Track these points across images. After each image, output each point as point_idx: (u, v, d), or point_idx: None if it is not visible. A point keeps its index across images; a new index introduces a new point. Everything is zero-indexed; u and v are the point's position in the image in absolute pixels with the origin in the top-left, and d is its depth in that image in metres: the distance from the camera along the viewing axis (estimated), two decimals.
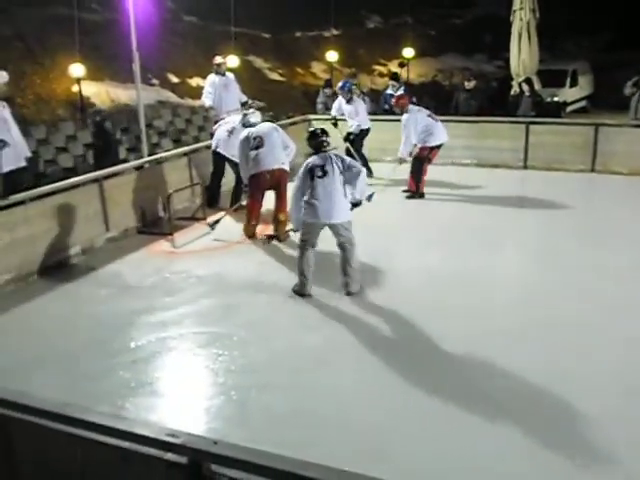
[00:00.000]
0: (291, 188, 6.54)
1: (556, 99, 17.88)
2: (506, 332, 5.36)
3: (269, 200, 8.18)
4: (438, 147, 9.80)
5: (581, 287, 6.35)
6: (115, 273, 7.23)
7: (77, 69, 12.91)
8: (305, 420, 4.29)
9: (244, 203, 8.50)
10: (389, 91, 13.21)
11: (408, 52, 21.63)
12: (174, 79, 16.41)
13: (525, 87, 13.42)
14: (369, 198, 7.40)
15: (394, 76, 14.05)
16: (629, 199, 9.62)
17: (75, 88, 13.32)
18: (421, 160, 9.78)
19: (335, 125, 11.03)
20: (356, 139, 11.02)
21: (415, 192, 9.91)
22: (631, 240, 7.69)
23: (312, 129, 6.71)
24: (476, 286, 6.45)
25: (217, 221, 8.53)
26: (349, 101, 11.05)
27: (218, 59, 11.06)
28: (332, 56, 19.59)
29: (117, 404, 4.49)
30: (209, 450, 2.10)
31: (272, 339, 5.47)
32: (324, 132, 6.41)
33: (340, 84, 11.48)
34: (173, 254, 7.84)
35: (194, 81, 16.29)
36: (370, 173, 9.77)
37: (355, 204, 6.26)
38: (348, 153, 10.10)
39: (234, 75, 11.42)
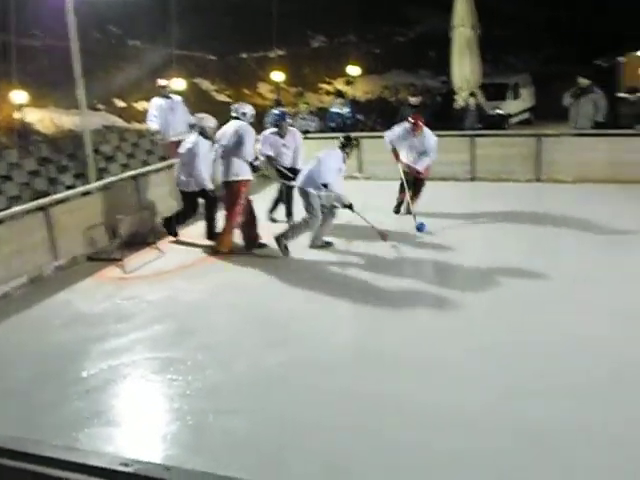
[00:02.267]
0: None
1: (500, 112, 18.26)
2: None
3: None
4: None
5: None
6: (65, 302, 7.08)
7: (18, 96, 12.65)
8: (265, 445, 4.24)
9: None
10: (334, 109, 13.30)
11: (354, 70, 21.84)
12: (120, 103, 16.23)
13: (470, 101, 13.69)
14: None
15: (340, 94, 14.18)
16: (573, 206, 9.83)
17: (17, 115, 13.05)
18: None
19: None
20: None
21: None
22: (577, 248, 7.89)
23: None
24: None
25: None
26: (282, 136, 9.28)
27: (162, 82, 11.01)
28: (278, 76, 19.65)
29: (72, 436, 4.37)
30: (162, 477, 2.05)
31: (229, 361, 5.40)
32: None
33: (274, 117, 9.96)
34: (124, 280, 7.71)
35: (140, 105, 16.13)
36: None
37: None
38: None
39: (181, 98, 11.37)
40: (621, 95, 17.20)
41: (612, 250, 7.79)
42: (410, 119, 9.57)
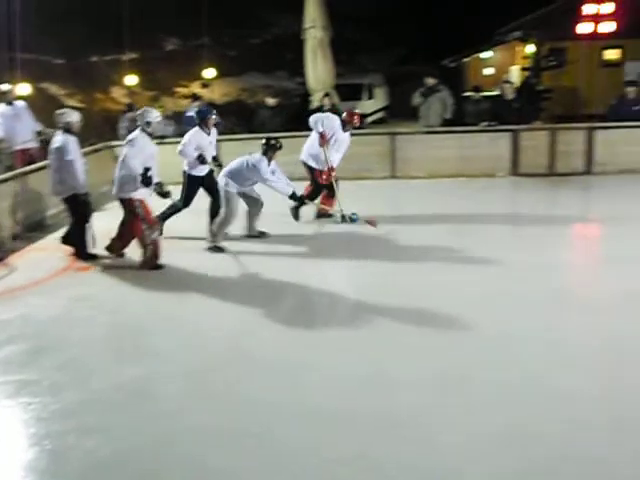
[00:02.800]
0: None
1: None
2: None
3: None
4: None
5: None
6: None
7: None
8: (130, 462, 4.08)
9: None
10: (191, 113, 13.06)
11: (210, 73, 21.65)
12: None
13: (325, 101, 13.92)
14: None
15: (196, 97, 13.98)
16: (426, 200, 10.26)
17: None
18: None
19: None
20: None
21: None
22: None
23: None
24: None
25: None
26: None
27: (3, 87, 10.39)
28: (131, 80, 19.12)
29: None
30: None
31: (87, 379, 5.16)
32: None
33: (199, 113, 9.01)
34: None
35: None
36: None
37: None
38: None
39: (25, 103, 10.77)
40: (467, 94, 18.13)
41: (461, 237, 8.28)
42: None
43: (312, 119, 9.19)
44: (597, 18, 20.23)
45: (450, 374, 4.86)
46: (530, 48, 21.51)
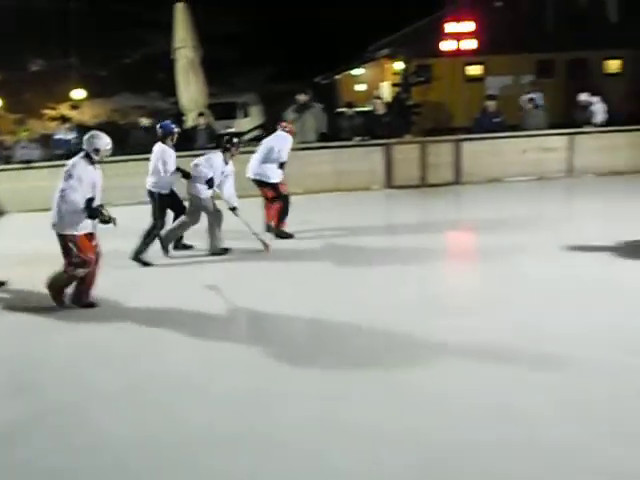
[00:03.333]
0: None
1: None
2: None
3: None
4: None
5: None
6: None
7: None
8: None
9: None
10: (59, 135, 12.60)
11: (79, 94, 21.04)
12: None
13: (200, 121, 13.82)
14: None
15: (65, 119, 13.53)
16: (305, 216, 10.36)
17: None
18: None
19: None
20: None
21: None
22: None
23: None
24: None
25: None
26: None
27: None
28: None
29: None
30: None
31: None
32: None
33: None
34: None
35: None
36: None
37: None
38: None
39: None
40: (341, 110, 18.56)
41: (340, 251, 8.42)
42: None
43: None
44: (459, 36, 21.39)
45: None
46: (399, 65, 22.34)
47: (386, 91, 23.16)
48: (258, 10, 27.24)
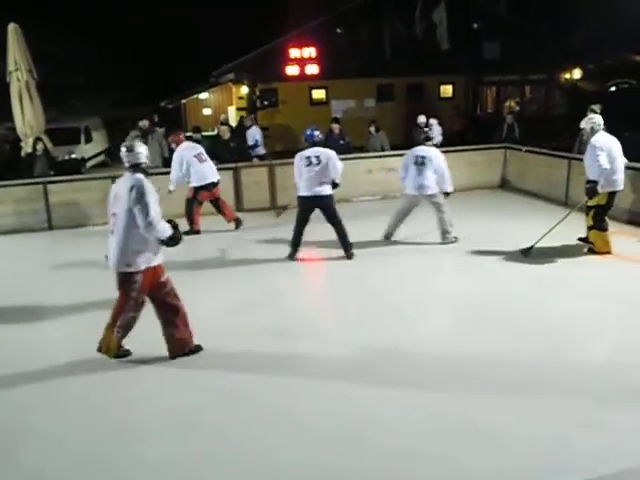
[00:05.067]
0: None
1: (74, 156, 17.92)
2: None
3: None
4: (203, 188, 10.68)
5: None
6: None
7: None
8: None
9: None
10: None
11: None
12: None
13: (38, 146, 13.19)
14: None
15: None
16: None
17: None
18: (189, 201, 10.82)
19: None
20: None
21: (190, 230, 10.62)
22: None
23: None
24: None
25: None
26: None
27: None
28: None
29: None
30: None
31: None
32: None
33: None
34: None
35: None
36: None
37: None
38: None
39: None
40: (187, 134, 18.36)
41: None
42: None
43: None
44: (302, 61, 21.91)
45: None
46: (244, 89, 22.50)
47: (233, 115, 23.22)
48: (103, 35, 26.62)
